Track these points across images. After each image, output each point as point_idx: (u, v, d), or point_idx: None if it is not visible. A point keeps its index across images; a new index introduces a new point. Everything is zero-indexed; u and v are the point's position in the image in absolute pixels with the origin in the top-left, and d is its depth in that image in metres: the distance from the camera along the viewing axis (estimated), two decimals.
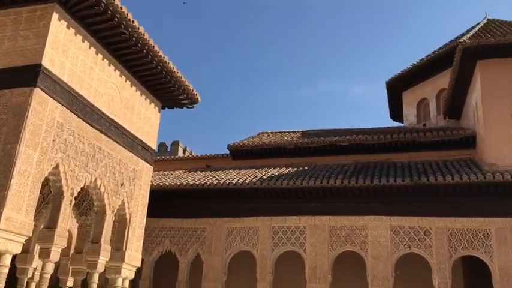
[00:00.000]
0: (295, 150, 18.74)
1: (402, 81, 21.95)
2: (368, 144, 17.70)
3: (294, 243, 14.66)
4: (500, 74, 14.98)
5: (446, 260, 13.14)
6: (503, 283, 12.57)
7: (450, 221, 13.48)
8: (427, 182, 13.41)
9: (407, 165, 15.84)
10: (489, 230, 13.19)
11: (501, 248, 12.90)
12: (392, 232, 13.86)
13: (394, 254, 13.64)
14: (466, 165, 14.82)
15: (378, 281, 13.41)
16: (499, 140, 14.37)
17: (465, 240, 13.27)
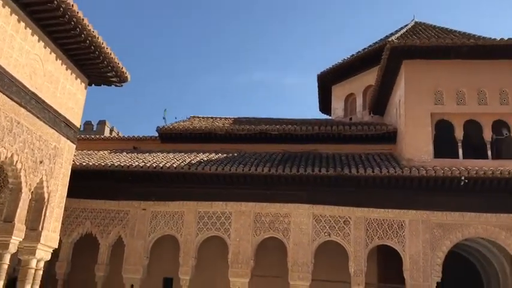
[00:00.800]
0: (225, 137, 18.77)
1: (332, 75, 22.61)
2: (296, 134, 18.10)
3: (219, 229, 14.74)
4: (422, 75, 15.83)
5: (362, 248, 13.79)
6: (412, 271, 13.43)
7: (368, 212, 14.14)
8: (349, 174, 13.96)
9: (332, 156, 16.38)
10: (403, 221, 14.00)
11: (413, 238, 13.75)
12: (314, 220, 14.31)
13: (314, 241, 14.12)
14: (386, 159, 15.60)
15: (298, 267, 13.83)
16: (417, 137, 15.24)
17: (381, 230, 13.99)
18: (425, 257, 13.49)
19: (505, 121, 15.26)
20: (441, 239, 13.70)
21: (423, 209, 13.93)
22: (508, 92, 15.27)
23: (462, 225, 13.77)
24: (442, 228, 13.79)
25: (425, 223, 13.84)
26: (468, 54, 15.58)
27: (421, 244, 13.64)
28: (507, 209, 13.62)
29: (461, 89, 15.51)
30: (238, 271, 14.16)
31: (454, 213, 13.80)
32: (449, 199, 13.93)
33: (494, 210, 13.67)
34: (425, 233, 13.73)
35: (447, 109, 15.46)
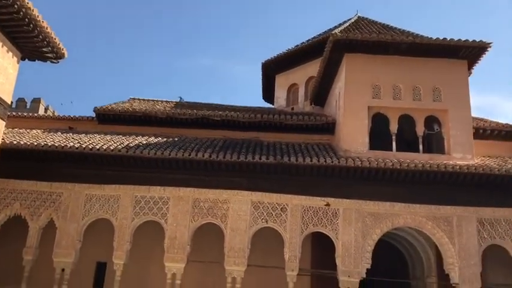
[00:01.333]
0: (166, 120, 18.45)
1: (276, 65, 22.78)
2: (239, 121, 18.11)
3: (156, 213, 14.56)
4: (362, 68, 16.28)
5: (298, 235, 14.11)
6: (344, 257, 13.92)
7: (305, 199, 14.46)
8: (288, 162, 14.18)
9: (273, 144, 16.57)
10: (338, 210, 14.43)
11: (346, 226, 14.22)
12: (252, 207, 14.45)
13: (252, 228, 14.27)
14: (324, 149, 15.99)
15: (234, 253, 13.95)
16: (354, 129, 15.71)
17: (316, 218, 14.36)
18: (357, 244, 14.01)
19: (437, 117, 16.03)
20: (372, 227, 14.26)
21: (357, 198, 14.42)
22: (441, 90, 16.03)
23: (392, 215, 14.39)
24: (373, 217, 14.35)
25: (358, 212, 14.34)
26: (406, 51, 16.19)
27: (354, 232, 14.14)
28: (434, 200, 14.37)
29: (398, 84, 16.12)
30: (174, 256, 14.07)
31: (385, 203, 14.39)
32: (381, 189, 14.50)
33: (423, 201, 14.39)
34: (358, 222, 14.24)
35: (384, 103, 16.02)
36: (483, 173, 14.06)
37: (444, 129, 15.85)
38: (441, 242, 14.24)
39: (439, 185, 14.40)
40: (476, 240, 14.02)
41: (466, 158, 15.21)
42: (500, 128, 17.54)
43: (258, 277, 15.31)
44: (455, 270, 13.89)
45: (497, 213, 14.26)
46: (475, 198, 14.36)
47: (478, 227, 14.16)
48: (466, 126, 15.80)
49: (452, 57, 16.22)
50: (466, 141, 15.59)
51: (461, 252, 13.91)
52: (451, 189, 14.39)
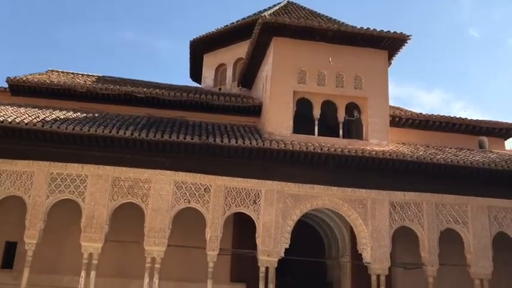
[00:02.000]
0: (86, 95, 17.60)
1: (205, 43, 22.50)
2: (164, 99, 17.69)
3: (73, 192, 13.96)
4: (289, 53, 16.51)
5: (220, 215, 14.18)
6: (264, 237, 14.21)
7: (229, 180, 14.52)
8: (213, 143, 14.12)
9: (198, 124, 16.41)
10: (260, 191, 14.65)
11: (267, 207, 14.49)
12: (175, 187, 14.29)
13: (173, 208, 14.12)
14: (249, 131, 16.11)
15: (155, 233, 13.76)
16: (279, 112, 15.96)
17: (239, 199, 14.49)
18: (277, 224, 14.35)
19: (357, 104, 16.69)
20: (293, 208, 14.65)
21: (279, 180, 14.72)
22: (362, 78, 16.67)
23: (312, 197, 14.86)
24: (294, 198, 14.74)
25: (279, 193, 14.65)
26: (332, 39, 16.62)
27: (274, 213, 14.45)
28: (351, 183, 15.00)
29: (322, 70, 16.53)
30: (91, 236, 13.62)
31: (305, 185, 14.82)
32: (303, 172, 14.90)
33: (341, 184, 14.98)
34: (279, 203, 14.57)
35: (309, 88, 16.39)
36: (396, 159, 14.87)
37: (363, 116, 16.54)
38: (356, 224, 14.95)
39: (356, 169, 15.05)
40: (387, 222, 14.87)
41: (382, 144, 16.02)
42: (414, 117, 18.61)
43: (179, 257, 15.28)
44: (367, 250, 14.67)
45: (407, 197, 15.18)
46: (388, 182, 15.17)
47: (390, 210, 15.01)
48: (383, 114, 16.60)
49: (375, 47, 16.90)
50: (383, 128, 16.40)
51: (373, 233, 14.70)
52: (367, 173, 15.09)
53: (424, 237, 14.83)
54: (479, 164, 15.19)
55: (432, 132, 18.61)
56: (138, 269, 14.27)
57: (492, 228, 15.23)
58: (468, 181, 15.36)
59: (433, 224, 14.94)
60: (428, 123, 18.65)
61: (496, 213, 15.40)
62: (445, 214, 15.15)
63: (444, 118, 18.76)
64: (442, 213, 15.14)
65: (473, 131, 19.05)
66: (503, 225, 15.35)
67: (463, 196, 15.31)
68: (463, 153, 17.04)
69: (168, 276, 15.16)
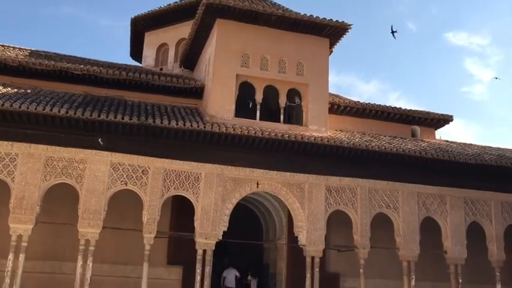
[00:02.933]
0: (18, 69, 16.59)
1: (147, 22, 21.89)
2: (102, 77, 17.02)
3: (1, 171, 13.24)
4: (233, 36, 16.41)
5: (158, 198, 13.98)
6: (202, 220, 14.20)
7: (168, 163, 14.32)
8: (152, 124, 13.83)
9: (137, 104, 16.00)
10: (200, 174, 14.57)
11: (207, 190, 14.46)
12: (111, 168, 13.91)
13: (110, 189, 13.75)
14: (191, 113, 15.92)
15: (89, 215, 13.36)
16: (221, 95, 15.89)
17: (178, 181, 14.35)
18: (216, 208, 14.37)
19: (298, 90, 16.93)
20: (232, 191, 14.72)
21: (219, 163, 14.70)
22: (304, 65, 16.90)
23: (252, 180, 14.99)
24: (234, 182, 14.80)
25: (219, 177, 14.66)
26: (275, 24, 16.69)
27: (214, 196, 14.45)
28: (290, 168, 15.28)
29: (265, 55, 16.59)
30: (20, 217, 13.00)
31: (246, 169, 14.91)
32: (243, 156, 14.97)
33: (280, 168, 15.21)
34: (219, 186, 14.57)
35: (251, 72, 16.41)
36: (334, 145, 15.28)
37: (304, 103, 16.82)
38: (293, 207, 15.27)
39: (295, 154, 15.32)
40: (323, 206, 15.30)
41: (321, 130, 16.39)
42: (352, 106, 19.15)
43: (115, 239, 15.01)
44: (303, 233, 15.04)
45: (343, 182, 15.67)
46: (326, 167, 15.58)
47: (326, 194, 15.44)
48: (323, 101, 16.96)
49: (317, 34, 17.16)
50: (322, 115, 16.77)
51: (310, 216, 15.09)
52: (306, 158, 15.41)
53: (357, 221, 15.42)
54: (411, 152, 15.92)
55: (368, 120, 19.26)
56: (72, 251, 13.89)
57: (420, 213, 16.09)
58: (400, 168, 16.08)
59: (366, 208, 15.55)
60: (365, 112, 19.28)
61: (424, 199, 16.25)
62: (377, 199, 15.80)
63: (380, 107, 19.45)
64: (375, 198, 15.78)
65: (406, 121, 19.92)
66: (431, 210, 16.24)
67: (395, 182, 16.02)
68: (396, 141, 17.79)
69: (102, 258, 14.87)
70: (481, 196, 16.78)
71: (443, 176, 16.43)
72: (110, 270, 15.33)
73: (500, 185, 16.94)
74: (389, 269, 16.93)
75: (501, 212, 16.83)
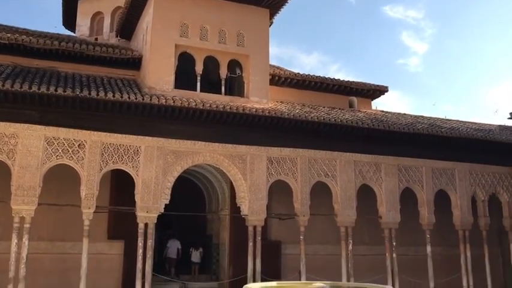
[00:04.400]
0: None
1: None
2: (32, 47, 16.09)
3: None
4: (171, 5, 15.97)
5: (96, 172, 13.61)
6: (143, 194, 14.02)
7: (106, 136, 13.92)
8: (87, 96, 13.33)
9: (71, 76, 15.35)
10: (139, 147, 14.29)
11: (147, 164, 14.24)
12: (46, 142, 13.34)
13: (45, 165, 13.22)
14: (128, 85, 15.49)
15: (23, 191, 12.79)
16: (160, 66, 15.53)
17: (117, 155, 14.01)
18: (157, 181, 14.22)
19: (239, 61, 16.86)
20: (173, 164, 14.59)
21: (159, 136, 14.46)
22: (244, 35, 16.79)
23: (193, 153, 14.91)
24: (175, 155, 14.66)
25: (160, 150, 14.45)
26: None
27: (154, 169, 14.26)
28: (232, 140, 15.31)
29: (205, 25, 16.31)
30: None
31: (187, 142, 14.79)
32: (184, 128, 14.81)
33: (221, 140, 15.20)
34: (159, 159, 14.39)
35: (191, 42, 16.12)
36: (275, 116, 15.43)
37: (245, 74, 16.80)
38: (235, 178, 15.39)
39: (237, 126, 15.35)
40: (265, 176, 15.54)
41: (262, 102, 16.49)
42: (292, 77, 19.35)
43: (52, 216, 14.59)
44: (246, 203, 15.25)
45: (283, 153, 15.93)
46: (267, 138, 15.75)
47: (268, 165, 15.66)
48: (264, 73, 17.02)
49: (257, 4, 17.06)
50: (263, 86, 16.85)
51: (251, 187, 15.29)
52: (247, 130, 15.48)
53: (298, 190, 15.81)
54: (349, 122, 16.39)
55: (308, 91, 19.57)
56: (6, 229, 13.33)
57: (357, 181, 16.71)
58: (338, 138, 16.55)
59: (305, 177, 15.95)
60: (305, 83, 19.55)
61: (361, 167, 16.88)
62: (316, 168, 16.23)
63: (319, 78, 19.79)
64: (314, 168, 16.20)
65: (344, 92, 20.42)
66: (367, 178, 16.92)
67: (333, 152, 16.49)
68: (334, 112, 18.24)
69: (39, 236, 14.47)
70: (413, 163, 17.66)
71: (379, 144, 17.10)
72: (48, 247, 14.89)
73: (432, 152, 17.88)
74: (328, 235, 17.60)
75: (432, 178, 17.82)
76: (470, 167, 18.56)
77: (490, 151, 18.75)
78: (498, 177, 19.04)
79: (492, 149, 18.76)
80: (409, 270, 17.70)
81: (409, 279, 17.17)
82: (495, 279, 18.60)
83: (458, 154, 18.32)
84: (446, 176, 18.10)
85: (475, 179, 18.59)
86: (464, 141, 18.12)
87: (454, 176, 18.23)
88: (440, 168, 18.07)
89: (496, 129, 20.91)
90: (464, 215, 18.03)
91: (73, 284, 13.52)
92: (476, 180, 18.60)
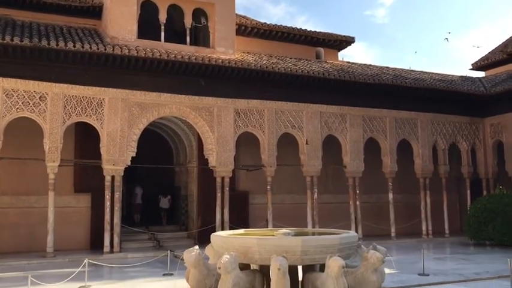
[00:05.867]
0: None
1: None
2: None
3: None
4: None
5: (59, 125, 13.32)
6: (109, 147, 13.87)
7: (67, 88, 13.54)
8: (47, 46, 12.83)
9: (28, 25, 14.66)
10: (103, 99, 14.00)
11: (112, 116, 14.00)
12: (4, 95, 12.89)
13: (4, 118, 12.83)
14: (89, 35, 14.94)
15: None
16: (122, 15, 14.97)
17: (80, 108, 13.70)
18: (123, 133, 14.05)
19: (204, 10, 16.44)
20: (139, 117, 14.40)
21: (123, 88, 14.18)
22: None
23: (159, 105, 14.72)
24: (140, 107, 14.44)
25: (124, 102, 14.20)
26: None
27: (119, 122, 14.06)
28: (198, 91, 15.16)
29: None
30: None
31: (152, 93, 14.56)
32: (148, 79, 14.54)
33: (188, 92, 15.04)
34: (124, 112, 14.16)
35: None
36: (241, 68, 15.30)
37: (210, 24, 16.43)
38: (202, 131, 15.36)
39: (202, 77, 15.16)
40: (232, 128, 15.56)
41: (228, 52, 16.25)
42: (259, 27, 19.05)
43: (16, 170, 14.29)
44: (213, 155, 15.31)
45: (250, 104, 15.92)
46: (234, 90, 15.66)
47: (235, 117, 15.66)
48: (230, 22, 16.68)
49: None
50: (229, 36, 16.55)
51: (219, 139, 15.32)
52: (214, 81, 15.33)
53: (265, 141, 15.94)
54: (315, 73, 16.42)
55: (275, 42, 19.38)
56: None
57: (323, 132, 16.96)
58: (305, 89, 16.60)
59: (272, 129, 16.07)
60: (272, 34, 19.31)
61: (327, 118, 17.08)
62: (283, 120, 16.34)
63: (286, 28, 19.57)
64: (281, 119, 16.30)
65: (311, 42, 20.32)
66: (332, 128, 17.17)
67: (300, 103, 16.58)
68: (301, 63, 18.19)
69: (3, 190, 14.33)
70: (378, 114, 17.99)
71: (345, 95, 17.28)
72: (13, 202, 14.65)
73: (396, 103, 18.22)
74: (295, 185, 17.96)
75: (395, 127, 18.26)
76: (432, 117, 19.07)
77: (451, 101, 19.24)
78: (458, 127, 19.68)
79: (454, 100, 19.26)
80: (372, 217, 18.41)
81: (372, 225, 17.89)
82: (452, 224, 19.59)
83: (421, 104, 18.74)
84: (409, 126, 18.57)
85: (436, 128, 19.15)
86: (427, 92, 18.50)
87: (416, 125, 18.73)
88: (403, 118, 18.49)
89: (458, 80, 21.38)
90: (425, 163, 18.68)
91: (41, 237, 13.52)
92: (437, 129, 19.18)
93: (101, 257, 12.84)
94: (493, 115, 19.78)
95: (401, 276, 9.76)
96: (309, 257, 6.71)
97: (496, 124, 19.80)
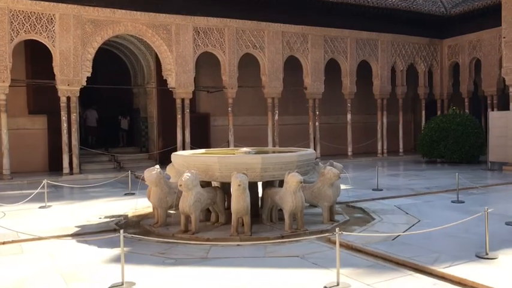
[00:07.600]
0: None
1: None
2: None
3: None
4: None
5: (6, 43, 12.55)
6: (62, 66, 13.29)
7: (12, 2, 12.63)
8: None
9: None
10: (53, 15, 13.19)
11: (63, 33, 13.28)
12: None
13: None
14: None
15: None
16: None
17: (28, 24, 12.89)
18: (76, 52, 13.44)
19: None
20: (93, 35, 13.73)
21: (75, 3, 13.37)
22: None
23: (113, 22, 14.02)
24: (93, 24, 13.73)
25: (77, 18, 13.45)
26: None
27: (72, 40, 13.39)
28: (154, 8, 14.48)
29: None
30: None
31: (105, 10, 13.81)
32: None
33: (143, 8, 14.34)
34: (77, 29, 13.45)
35: None
36: None
37: None
38: (160, 50, 14.88)
39: None
40: (192, 48, 15.12)
41: None
42: None
43: None
44: (172, 76, 14.97)
45: (210, 23, 15.40)
46: (192, 7, 15.03)
47: (194, 36, 15.17)
48: None
49: None
50: None
51: (178, 59, 14.91)
52: None
53: (225, 62, 15.65)
54: None
55: None
56: None
57: (284, 52, 16.76)
58: (266, 7, 16.11)
59: (233, 49, 15.73)
60: None
61: (288, 38, 16.82)
62: (244, 39, 15.98)
63: None
64: (242, 39, 15.93)
65: None
66: (294, 49, 16.98)
67: (261, 22, 16.17)
68: None
69: None
70: (339, 34, 17.84)
71: (307, 15, 16.93)
72: None
73: (357, 23, 18.05)
74: (256, 107, 18.01)
75: (356, 48, 18.24)
76: (392, 38, 19.11)
77: (412, 22, 19.24)
78: (417, 48, 19.87)
79: (414, 20, 19.24)
80: (330, 137, 18.89)
81: (330, 145, 18.39)
82: (406, 143, 20.39)
83: (382, 25, 18.67)
84: (369, 47, 18.60)
85: (396, 49, 19.28)
86: (388, 11, 18.35)
87: (377, 46, 18.78)
88: (364, 39, 18.45)
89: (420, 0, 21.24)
90: (383, 84, 18.98)
91: None
92: (397, 50, 19.31)
93: (60, 178, 12.74)
94: (452, 36, 20.02)
95: (356, 191, 10.22)
96: (268, 174, 6.87)
97: (453, 46, 20.10)
